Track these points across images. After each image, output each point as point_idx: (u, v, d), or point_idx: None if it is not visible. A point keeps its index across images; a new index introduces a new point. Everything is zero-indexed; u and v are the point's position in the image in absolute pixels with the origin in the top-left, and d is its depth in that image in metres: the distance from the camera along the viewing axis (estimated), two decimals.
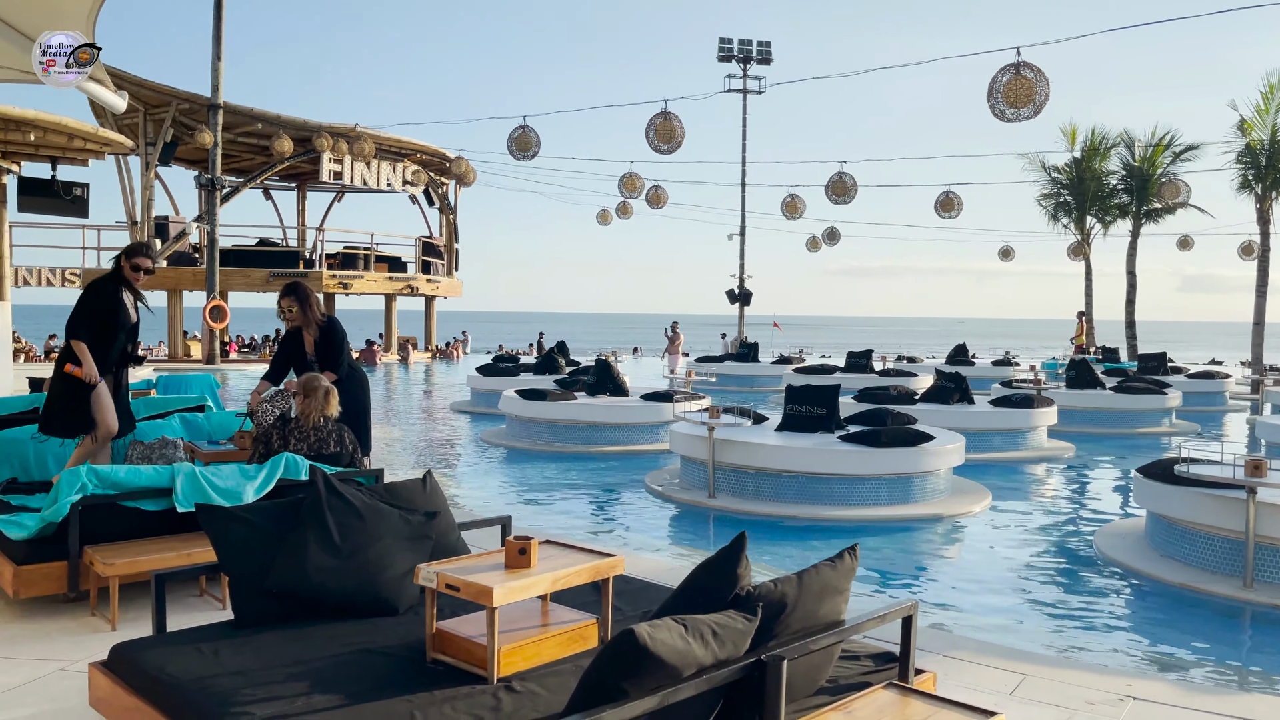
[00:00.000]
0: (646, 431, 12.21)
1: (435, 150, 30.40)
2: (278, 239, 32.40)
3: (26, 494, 5.67)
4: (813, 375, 18.77)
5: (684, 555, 7.20)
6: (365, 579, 3.62)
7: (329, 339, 6.67)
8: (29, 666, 3.96)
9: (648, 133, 14.66)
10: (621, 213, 29.06)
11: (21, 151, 15.12)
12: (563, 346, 19.49)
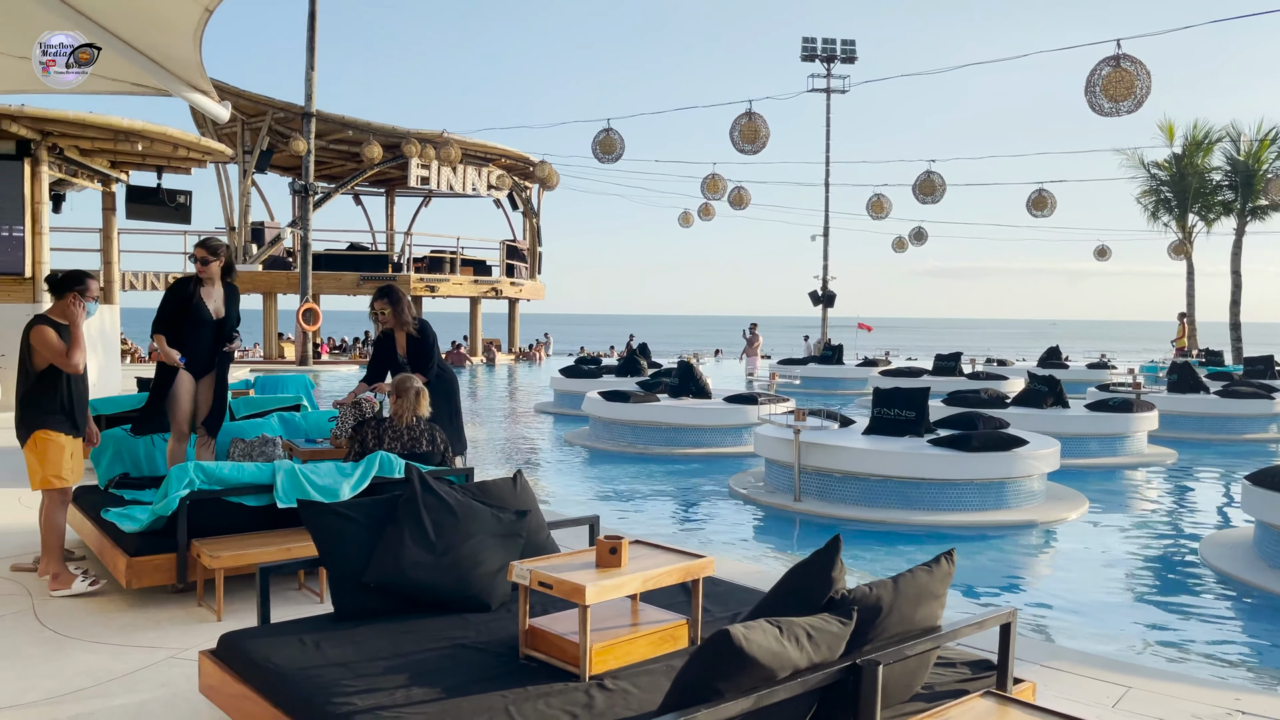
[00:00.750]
0: (730, 434, 12.16)
1: (519, 154, 30.80)
2: (367, 243, 33.22)
3: (137, 489, 5.91)
4: (899, 378, 18.47)
5: (770, 558, 7.15)
6: (459, 575, 3.68)
7: (420, 342, 6.79)
8: (142, 653, 4.13)
9: (732, 133, 14.61)
10: (703, 214, 29.01)
11: (130, 161, 15.81)
12: (644, 348, 19.56)
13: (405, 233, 33.66)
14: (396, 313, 6.76)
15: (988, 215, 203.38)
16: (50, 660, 4.05)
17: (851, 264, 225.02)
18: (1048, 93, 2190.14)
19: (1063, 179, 26.03)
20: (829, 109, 33.38)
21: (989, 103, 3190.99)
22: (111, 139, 13.74)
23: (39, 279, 13.39)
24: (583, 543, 5.09)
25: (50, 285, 5.27)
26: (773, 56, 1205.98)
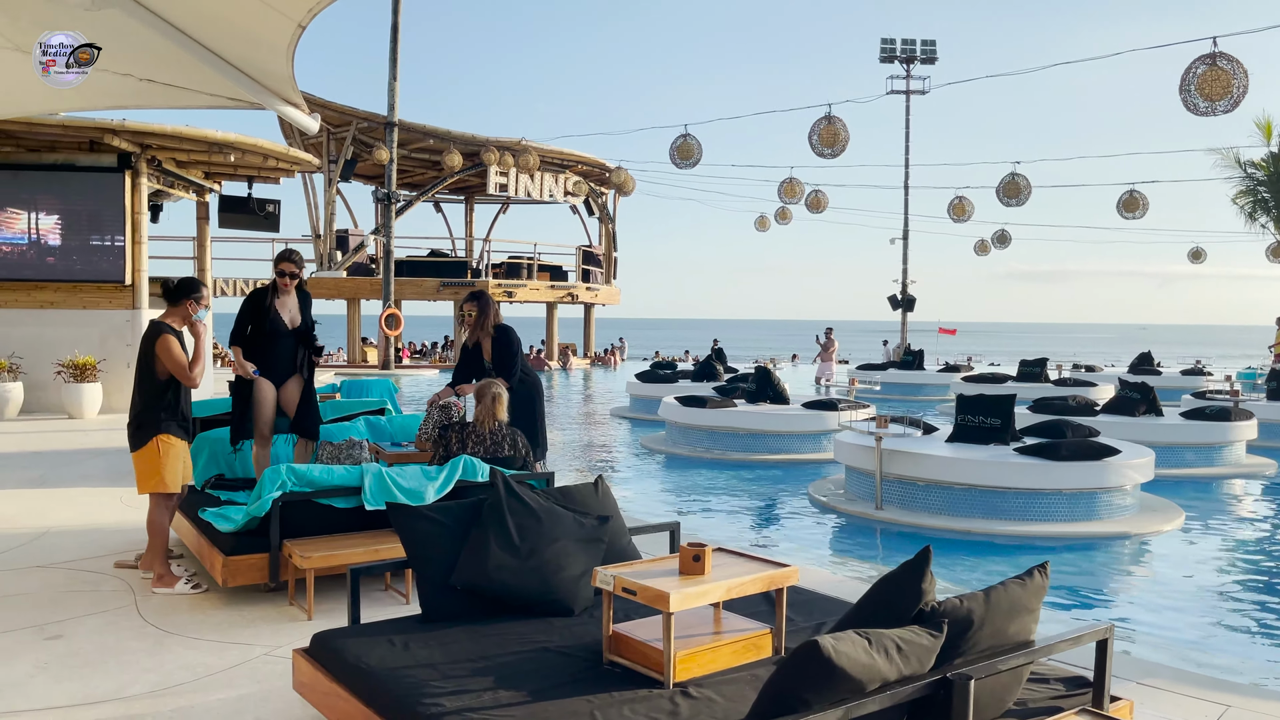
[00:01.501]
0: (808, 440, 12.05)
1: (595, 161, 31.01)
2: (447, 250, 33.79)
3: (231, 489, 6.11)
4: (983, 384, 18.07)
5: (850, 567, 7.06)
6: (542, 579, 3.72)
7: (502, 347, 6.89)
8: (237, 650, 4.26)
9: (811, 137, 14.49)
10: (780, 218, 28.81)
11: (222, 172, 16.37)
12: (720, 353, 19.50)
13: (484, 239, 34.18)
14: (481, 317, 6.89)
15: (1075, 217, 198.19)
16: (152, 655, 4.20)
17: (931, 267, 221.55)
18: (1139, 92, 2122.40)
19: (1155, 179, 25.14)
20: (908, 110, 32.87)
21: (1079, 102, 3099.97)
22: (206, 151, 14.25)
23: (139, 286, 13.94)
24: (663, 549, 5.09)
25: (165, 292, 5.47)
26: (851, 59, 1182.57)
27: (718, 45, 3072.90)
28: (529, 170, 27.78)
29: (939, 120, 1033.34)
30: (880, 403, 18.43)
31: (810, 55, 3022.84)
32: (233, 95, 6.62)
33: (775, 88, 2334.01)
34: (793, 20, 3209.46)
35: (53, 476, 8.51)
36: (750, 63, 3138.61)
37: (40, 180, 13.41)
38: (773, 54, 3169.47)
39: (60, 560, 5.72)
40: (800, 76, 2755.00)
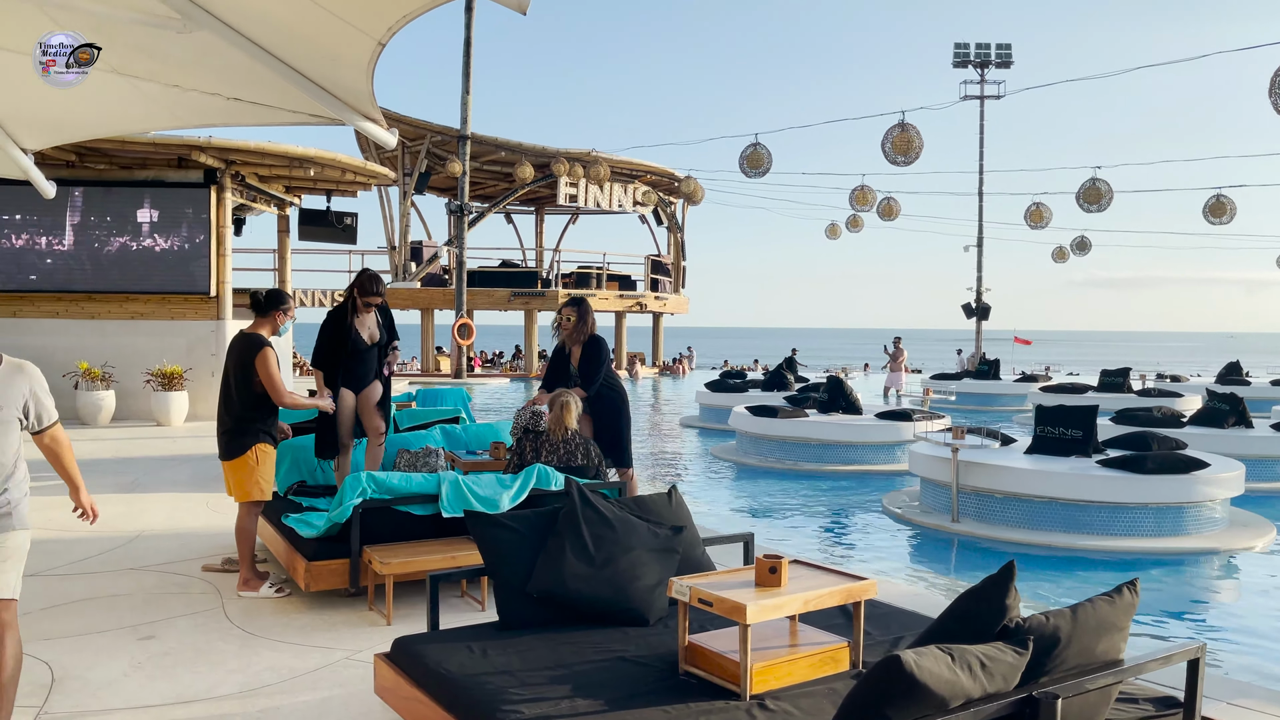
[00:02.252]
0: (882, 451, 11.89)
1: (664, 170, 31.11)
2: (518, 260, 34.19)
3: (312, 496, 6.27)
4: (1062, 394, 17.64)
5: (926, 580, 6.95)
6: (618, 588, 3.73)
7: (590, 357, 6.86)
8: (319, 654, 4.37)
9: (884, 145, 14.33)
10: (851, 226, 28.55)
11: (302, 185, 16.83)
12: (791, 363, 19.36)
13: (554, 249, 34.49)
14: (579, 324, 6.86)
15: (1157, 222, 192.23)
16: (239, 656, 4.33)
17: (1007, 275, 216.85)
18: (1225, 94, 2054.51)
19: (1242, 184, 24.27)
20: (982, 115, 32.32)
21: (1163, 105, 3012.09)
22: (287, 165, 14.67)
23: (223, 298, 14.39)
24: (736, 560, 5.08)
25: (254, 304, 5.63)
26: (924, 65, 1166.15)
27: (789, 54, 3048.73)
28: (599, 181, 27.99)
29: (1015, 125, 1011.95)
30: (955, 413, 18.12)
31: (882, 62, 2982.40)
32: (315, 112, 6.81)
33: (847, 95, 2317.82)
34: (864, 27, 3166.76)
35: (143, 482, 8.82)
36: (822, 71, 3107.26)
37: (131, 196, 13.95)
38: (844, 62, 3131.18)
39: (152, 563, 5.93)
40: (872, 84, 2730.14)
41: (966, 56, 32.30)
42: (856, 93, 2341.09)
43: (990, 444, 8.90)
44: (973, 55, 32.25)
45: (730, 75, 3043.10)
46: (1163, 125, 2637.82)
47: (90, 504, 3.59)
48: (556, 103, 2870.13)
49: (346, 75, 6.16)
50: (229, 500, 7.07)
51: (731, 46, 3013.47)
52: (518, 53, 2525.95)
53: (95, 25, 6.21)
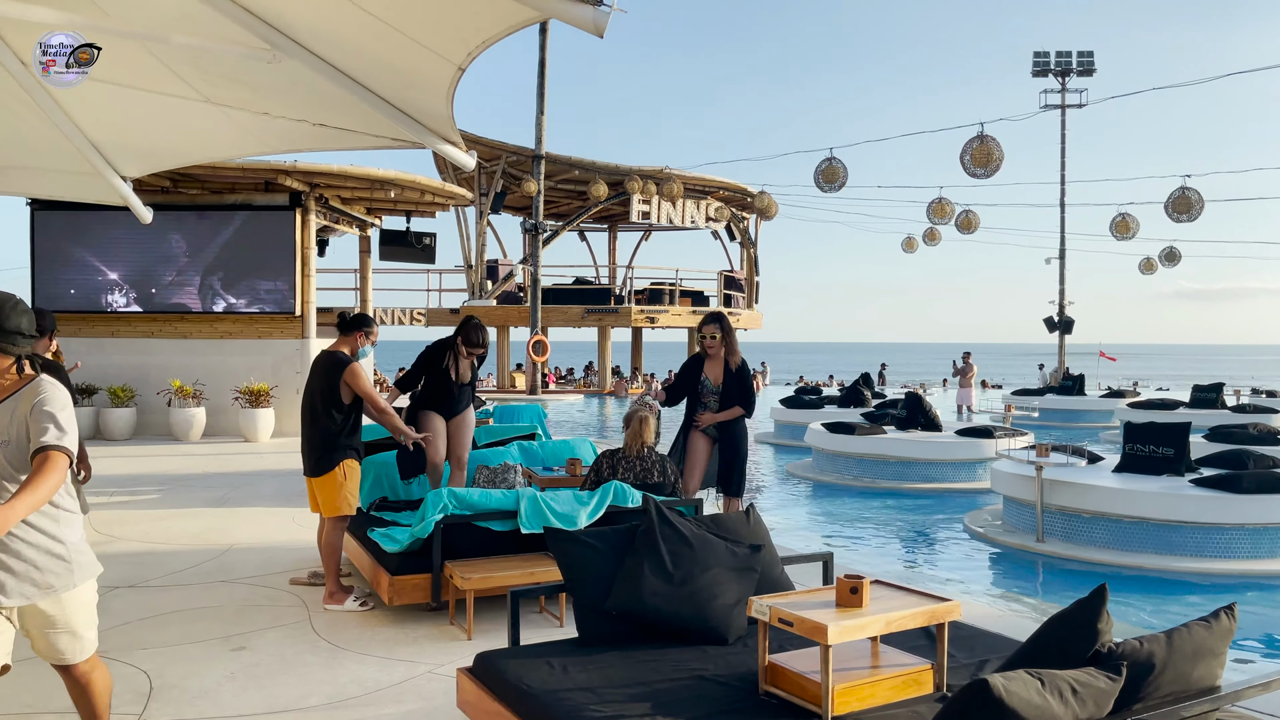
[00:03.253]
0: (963, 469, 11.66)
1: (737, 186, 31.07)
2: (591, 277, 34.46)
3: (395, 511, 6.40)
4: (1152, 411, 17.08)
5: (1012, 602, 6.78)
6: (696, 606, 3.73)
7: (744, 380, 6.67)
8: (403, 667, 4.45)
9: (962, 157, 14.11)
10: (928, 239, 28.11)
11: (383, 207, 17.24)
12: (868, 378, 19.10)
13: (627, 266, 34.68)
14: (726, 340, 6.66)
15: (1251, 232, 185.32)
16: (326, 668, 4.43)
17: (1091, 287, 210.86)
18: None
19: None
20: (1064, 125, 31.59)
21: (1253, 111, 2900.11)
22: (368, 188, 15.05)
23: (307, 317, 14.80)
24: (815, 579, 5.03)
25: (340, 323, 5.81)
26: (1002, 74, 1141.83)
27: (864, 68, 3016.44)
28: (672, 198, 28.08)
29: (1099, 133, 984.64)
30: (1038, 430, 17.66)
31: (960, 73, 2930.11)
32: (396, 136, 6.99)
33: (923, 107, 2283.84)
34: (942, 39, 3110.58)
35: (232, 496, 9.10)
36: (898, 83, 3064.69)
37: (221, 219, 14.46)
38: (921, 74, 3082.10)
39: (242, 576, 6.11)
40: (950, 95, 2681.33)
41: (1047, 65, 31.64)
42: (933, 105, 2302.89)
43: (1076, 462, 8.67)
44: (1053, 64, 31.57)
45: (805, 89, 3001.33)
46: (1257, 132, 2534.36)
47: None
48: (630, 121, 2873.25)
49: (427, 100, 6.32)
50: (314, 515, 7.26)
51: (806, 61, 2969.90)
52: (592, 72, 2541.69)
53: (190, 58, 6.47)
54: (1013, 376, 42.45)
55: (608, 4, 4.08)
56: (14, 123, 7.54)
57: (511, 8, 4.60)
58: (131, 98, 7.04)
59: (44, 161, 8.21)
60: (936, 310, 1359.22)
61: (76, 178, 8.44)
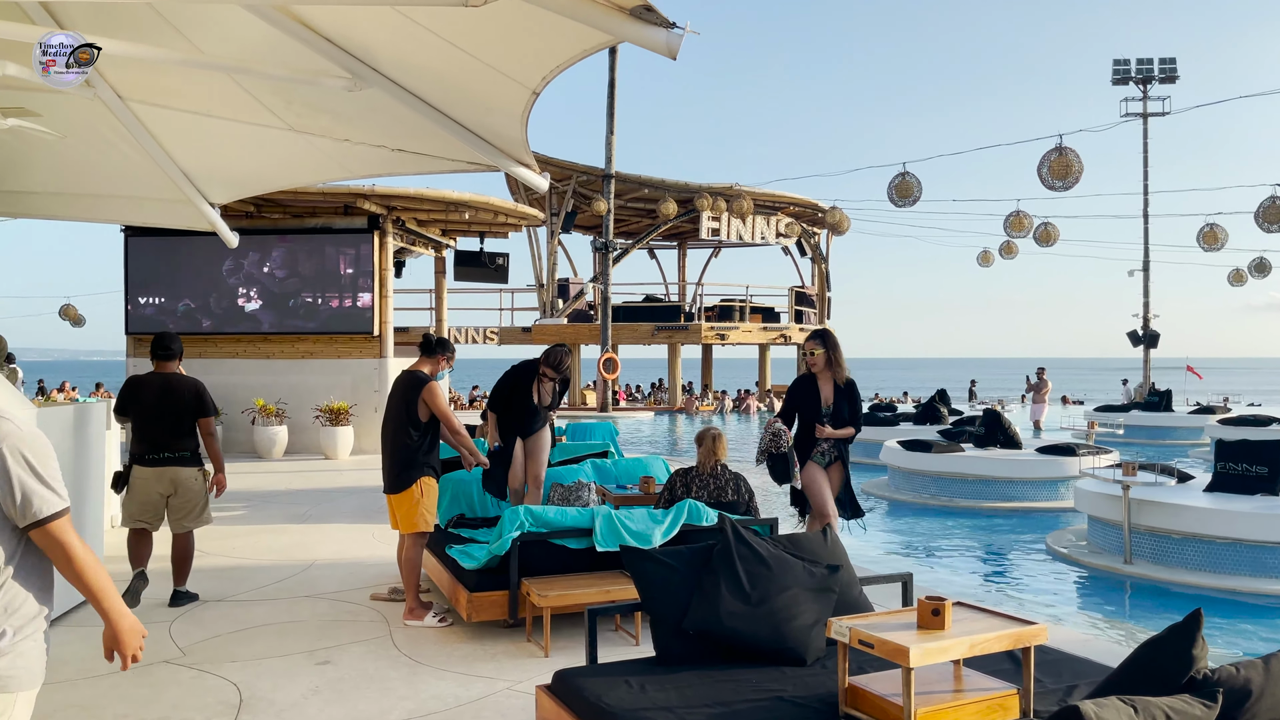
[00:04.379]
0: (1044, 487, 11.37)
1: (808, 201, 30.89)
2: (661, 294, 34.54)
3: (472, 528, 6.49)
4: (1244, 427, 16.45)
5: (1098, 625, 6.59)
6: (774, 626, 3.71)
7: (854, 398, 6.35)
8: (482, 683, 4.50)
9: (1040, 170, 13.82)
10: (1005, 252, 27.55)
11: (457, 228, 17.56)
12: (944, 395, 18.76)
13: (696, 283, 34.68)
14: (832, 356, 6.27)
15: None
16: (407, 683, 4.51)
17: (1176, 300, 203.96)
18: None
19: None
20: (1146, 134, 30.74)
21: None
22: (444, 210, 15.35)
23: (385, 337, 15.12)
24: (894, 600, 4.95)
25: (424, 345, 5.94)
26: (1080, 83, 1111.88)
27: (936, 80, 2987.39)
28: (742, 215, 28.04)
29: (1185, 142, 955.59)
30: (1123, 447, 17.14)
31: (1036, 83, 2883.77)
32: (472, 159, 7.14)
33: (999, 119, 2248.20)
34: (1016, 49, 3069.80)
35: (314, 513, 9.32)
36: (972, 96, 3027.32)
37: (302, 242, 14.88)
38: (995, 85, 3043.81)
39: (325, 591, 6.25)
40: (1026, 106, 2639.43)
41: (1127, 73, 30.86)
42: (1009, 116, 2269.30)
43: (1165, 481, 8.40)
44: (1133, 71, 30.79)
45: (877, 103, 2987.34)
46: None
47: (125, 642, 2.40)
48: (699, 138, 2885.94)
49: (502, 124, 6.43)
50: (393, 532, 7.40)
51: (878, 75, 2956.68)
52: (661, 90, 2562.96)
53: (276, 88, 6.69)
54: (1095, 392, 41.24)
55: (680, 27, 4.12)
56: (111, 154, 7.88)
57: (585, 33, 4.67)
58: (220, 127, 7.32)
59: (139, 190, 8.56)
60: (1013, 324, 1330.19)
61: (169, 205, 8.77)
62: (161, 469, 5.89)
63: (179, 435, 5.95)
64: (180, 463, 5.93)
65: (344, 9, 5.39)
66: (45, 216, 9.45)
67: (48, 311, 42.68)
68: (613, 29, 4.18)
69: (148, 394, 5.99)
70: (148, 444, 5.91)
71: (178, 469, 5.92)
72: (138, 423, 5.95)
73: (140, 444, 5.92)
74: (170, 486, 5.91)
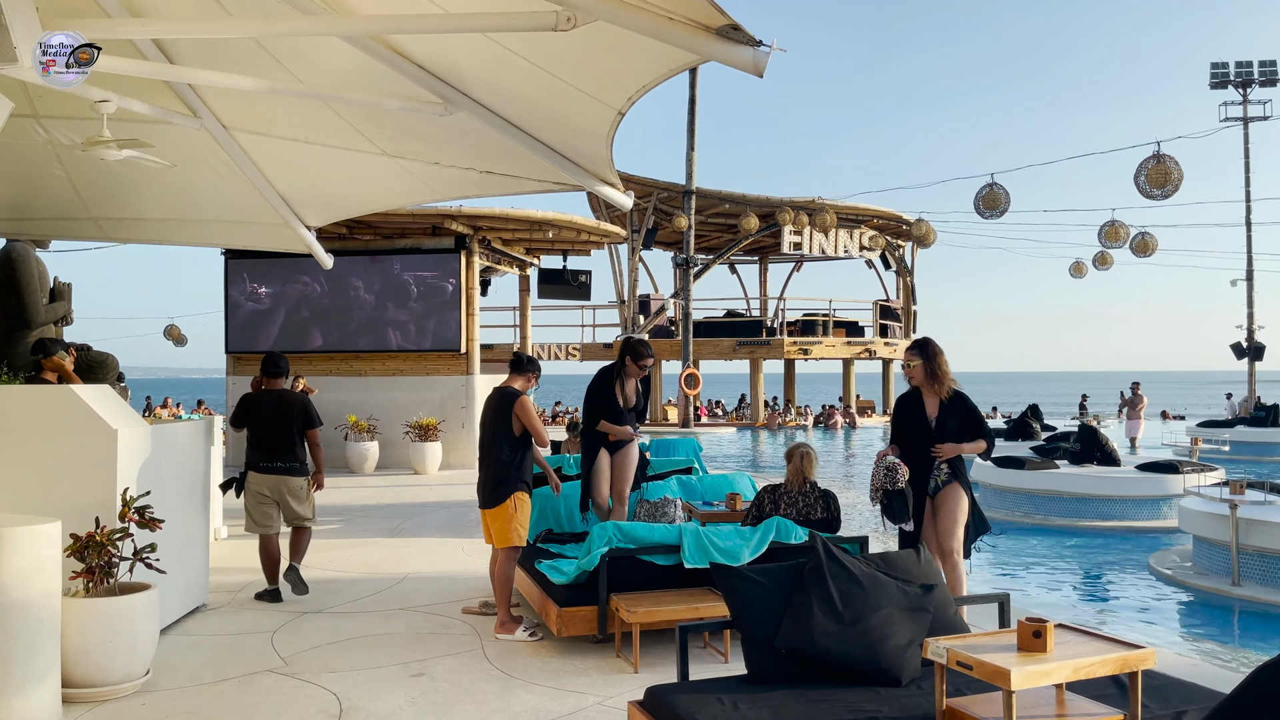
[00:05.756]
0: (1145, 506, 10.97)
1: (892, 214, 30.51)
2: (742, 310, 34.45)
3: (560, 543, 6.55)
4: None
5: (1206, 649, 6.33)
6: (867, 646, 3.66)
7: (963, 406, 5.61)
8: (574, 698, 4.54)
9: (1137, 178, 13.40)
10: (1099, 263, 26.72)
11: (541, 247, 17.81)
12: (1036, 410, 18.27)
13: (778, 297, 34.49)
14: (926, 364, 5.57)
15: None
16: (500, 697, 4.57)
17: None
18: None
19: None
20: (1246, 139, 29.59)
21: None
22: (528, 229, 15.60)
23: (472, 354, 15.39)
24: (989, 621, 4.85)
25: (515, 363, 6.05)
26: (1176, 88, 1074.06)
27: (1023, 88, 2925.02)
28: (825, 229, 27.82)
29: None
30: (1229, 464, 16.43)
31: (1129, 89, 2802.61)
32: (558, 180, 7.25)
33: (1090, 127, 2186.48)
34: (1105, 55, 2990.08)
35: (405, 527, 9.52)
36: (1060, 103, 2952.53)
37: (392, 262, 15.27)
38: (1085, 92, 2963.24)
39: (418, 604, 6.38)
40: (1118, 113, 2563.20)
41: (1225, 76, 29.78)
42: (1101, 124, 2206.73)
43: (1275, 500, 8.03)
44: (1232, 75, 29.69)
45: (962, 114, 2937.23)
46: None
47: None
48: (780, 152, 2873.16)
49: (588, 144, 6.52)
50: (483, 545, 7.50)
51: (963, 84, 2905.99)
52: (741, 104, 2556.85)
53: (370, 114, 6.90)
54: (1196, 407, 39.69)
55: (767, 45, 4.13)
56: (215, 181, 8.22)
57: (671, 53, 4.71)
58: (317, 153, 7.58)
59: (240, 215, 8.91)
60: (1108, 337, 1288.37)
61: (268, 228, 9.11)
62: (274, 476, 6.54)
63: (289, 446, 6.59)
64: (290, 472, 6.58)
65: (435, 35, 5.55)
66: (154, 241, 9.90)
67: (152, 332, 44.55)
68: (700, 49, 4.21)
69: (262, 408, 6.63)
70: (263, 453, 6.56)
71: (287, 478, 6.56)
72: (253, 434, 6.61)
73: (256, 452, 6.58)
74: (279, 492, 6.55)
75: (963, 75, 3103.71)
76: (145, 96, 6.45)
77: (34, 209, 8.70)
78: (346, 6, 5.67)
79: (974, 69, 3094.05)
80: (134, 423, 5.32)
